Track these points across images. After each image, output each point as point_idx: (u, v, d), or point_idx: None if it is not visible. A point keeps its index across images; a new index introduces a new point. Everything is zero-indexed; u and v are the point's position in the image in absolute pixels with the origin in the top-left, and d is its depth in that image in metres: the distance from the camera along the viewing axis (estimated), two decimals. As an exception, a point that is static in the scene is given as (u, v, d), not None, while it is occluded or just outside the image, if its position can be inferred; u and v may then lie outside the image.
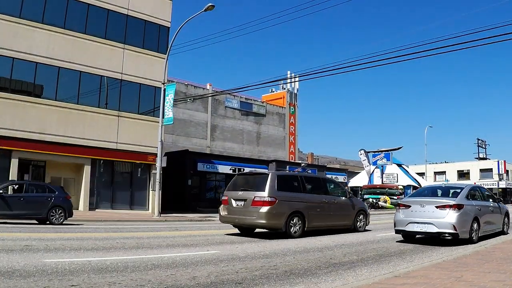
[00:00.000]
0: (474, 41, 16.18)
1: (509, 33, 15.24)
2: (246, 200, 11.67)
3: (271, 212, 11.23)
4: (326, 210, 12.72)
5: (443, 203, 10.22)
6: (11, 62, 22.08)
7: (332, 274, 6.48)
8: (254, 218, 11.39)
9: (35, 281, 5.34)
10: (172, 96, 23.01)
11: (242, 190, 12.10)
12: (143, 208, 26.66)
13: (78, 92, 24.45)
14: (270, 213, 11.22)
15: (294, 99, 50.68)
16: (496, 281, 5.51)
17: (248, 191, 11.83)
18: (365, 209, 14.50)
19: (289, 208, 11.57)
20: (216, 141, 42.28)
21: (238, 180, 13.05)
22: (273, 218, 11.34)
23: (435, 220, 10.04)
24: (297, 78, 38.95)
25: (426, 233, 10.35)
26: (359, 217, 13.93)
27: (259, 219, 11.30)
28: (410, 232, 10.63)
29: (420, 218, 10.30)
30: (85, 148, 24.25)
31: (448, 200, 10.44)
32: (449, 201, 10.28)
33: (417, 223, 10.32)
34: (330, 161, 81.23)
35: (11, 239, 9.67)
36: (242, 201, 11.81)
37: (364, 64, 25.63)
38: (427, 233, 10.31)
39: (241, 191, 12.11)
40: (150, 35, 27.47)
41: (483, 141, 75.19)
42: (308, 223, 11.96)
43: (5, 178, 21.56)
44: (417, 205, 10.53)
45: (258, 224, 11.56)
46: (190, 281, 5.69)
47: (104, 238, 10.93)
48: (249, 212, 11.49)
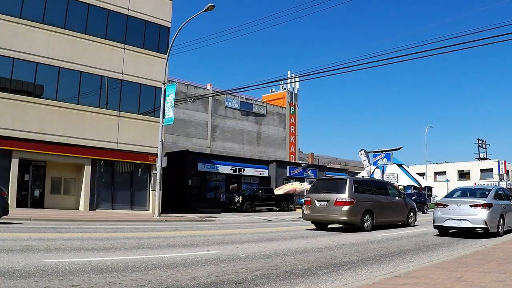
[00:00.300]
0: (474, 41, 16.19)
1: (509, 33, 15.25)
2: (329, 201, 13.97)
3: (351, 210, 13.62)
4: (387, 208, 15.27)
5: (476, 203, 12.05)
6: (11, 62, 22.06)
7: (333, 274, 6.48)
8: (337, 215, 13.76)
9: (35, 281, 5.34)
10: (173, 96, 23.01)
11: (324, 193, 14.40)
12: (143, 208, 26.66)
13: (78, 92, 24.44)
14: (350, 211, 13.60)
15: (294, 99, 50.68)
16: (496, 281, 5.51)
17: (330, 193, 14.13)
18: (414, 208, 17.10)
19: (363, 207, 14.01)
20: (217, 141, 42.29)
21: (319, 184, 15.68)
22: (352, 215, 13.72)
23: (469, 217, 11.90)
24: (297, 78, 38.97)
25: (461, 228, 12.21)
26: (410, 214, 16.59)
27: (341, 216, 13.68)
28: (447, 228, 12.54)
29: (456, 216, 12.15)
30: (85, 148, 24.24)
31: (479, 200, 12.23)
32: (480, 201, 12.08)
33: (454, 220, 12.19)
34: (331, 161, 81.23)
35: (11, 239, 9.67)
36: (325, 202, 14.10)
37: (364, 64, 25.62)
38: (462, 228, 12.17)
39: (323, 193, 14.39)
40: (150, 35, 27.46)
41: (483, 141, 75.19)
42: (376, 219, 14.42)
43: (5, 178, 21.60)
44: (454, 204, 12.41)
45: (340, 220, 13.94)
46: (191, 281, 5.70)
47: (105, 238, 10.94)
48: (332, 210, 13.84)
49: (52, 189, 24.11)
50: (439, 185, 64.35)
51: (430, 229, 14.57)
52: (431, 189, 55.86)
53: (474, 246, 10.06)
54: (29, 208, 22.14)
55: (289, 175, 41.94)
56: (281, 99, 49.80)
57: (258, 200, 33.38)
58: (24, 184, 23.08)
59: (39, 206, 23.04)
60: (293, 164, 44.29)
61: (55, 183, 24.30)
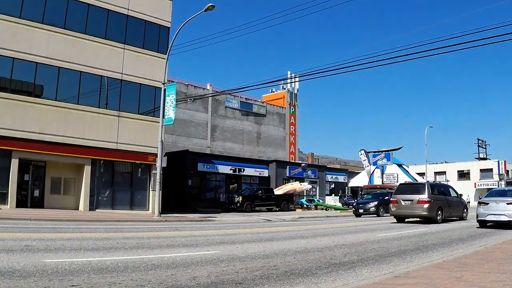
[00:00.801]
0: (474, 41, 16.20)
1: (509, 33, 15.25)
2: (412, 200, 18.27)
3: (429, 207, 17.92)
4: (451, 206, 19.68)
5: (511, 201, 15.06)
6: (11, 62, 22.05)
7: (333, 274, 6.48)
8: (419, 211, 18.12)
9: (35, 281, 5.34)
10: (174, 96, 22.99)
11: (408, 194, 18.66)
12: (143, 208, 26.66)
13: (78, 92, 24.44)
14: (429, 208, 17.90)
15: (294, 99, 50.69)
16: (496, 281, 5.50)
17: (413, 195, 18.40)
18: (466, 205, 22.16)
19: (436, 205, 18.27)
20: (216, 141, 42.30)
21: (402, 187, 20.11)
22: (430, 211, 17.99)
23: (507, 212, 15.01)
24: (297, 78, 38.97)
25: (499, 221, 15.29)
26: (464, 210, 21.29)
27: (422, 211, 18.03)
28: (488, 221, 15.61)
29: (495, 211, 15.25)
30: (85, 148, 24.24)
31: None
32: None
33: (494, 215, 15.29)
34: (331, 161, 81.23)
35: (11, 239, 9.67)
36: (409, 201, 18.40)
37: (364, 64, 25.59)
38: (500, 221, 15.25)
39: (407, 194, 18.67)
40: (150, 35, 27.45)
41: (483, 141, 75.15)
42: (444, 214, 18.74)
43: (5, 178, 21.62)
44: (493, 203, 15.44)
45: (421, 215, 18.24)
46: (190, 281, 5.70)
47: (104, 238, 10.93)
48: (415, 207, 18.15)
49: (52, 189, 24.10)
50: (439, 185, 64.29)
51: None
52: (431, 189, 55.77)
53: (474, 246, 10.07)
54: (29, 208, 22.13)
55: (289, 175, 41.95)
56: (281, 99, 49.81)
57: (258, 200, 33.39)
58: (24, 184, 23.07)
59: (39, 206, 23.03)
60: (293, 164, 44.29)
61: (55, 183, 24.28)
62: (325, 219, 24.75)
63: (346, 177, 50.04)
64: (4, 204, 21.28)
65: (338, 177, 49.16)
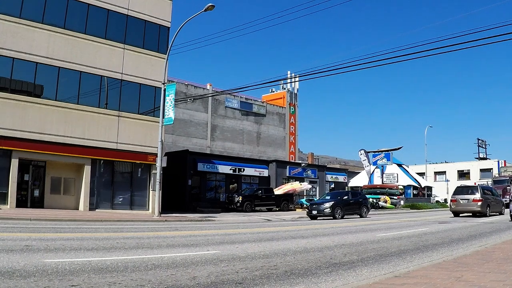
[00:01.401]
0: (474, 41, 16.20)
1: (509, 33, 15.25)
2: (469, 199, 23.45)
3: (481, 204, 23.02)
4: (493, 202, 24.63)
5: None
6: (11, 62, 22.05)
7: (333, 274, 6.48)
8: (474, 207, 23.23)
9: (35, 281, 5.34)
10: (173, 96, 23.00)
11: (465, 194, 23.87)
12: (143, 208, 26.65)
13: (78, 92, 24.43)
14: (481, 205, 23.02)
15: (294, 99, 50.68)
16: (496, 281, 5.50)
17: (469, 195, 23.61)
18: (503, 202, 26.90)
19: (486, 203, 23.47)
20: (216, 141, 42.30)
21: (460, 189, 25.04)
22: (482, 208, 23.06)
23: None
24: (297, 78, 38.98)
25: None
26: (502, 207, 26.13)
27: (476, 208, 23.09)
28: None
29: None
30: (85, 148, 24.24)
31: None
32: None
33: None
34: (330, 161, 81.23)
35: (11, 239, 9.67)
36: (466, 200, 23.61)
37: (364, 64, 25.62)
38: None
39: (464, 194, 23.85)
40: (150, 35, 27.44)
41: (483, 141, 75.12)
42: (490, 210, 23.94)
43: (5, 178, 21.61)
44: None
45: (476, 210, 23.25)
46: (190, 281, 5.70)
47: (104, 238, 10.94)
48: (471, 205, 23.33)
49: (52, 189, 24.09)
50: (439, 185, 64.38)
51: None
52: (431, 189, 55.91)
53: (474, 246, 10.06)
54: (29, 208, 22.13)
55: (289, 175, 41.93)
56: (280, 99, 49.80)
57: (258, 200, 33.37)
58: (24, 184, 23.06)
59: (39, 206, 23.04)
60: (293, 164, 44.26)
61: (55, 183, 24.27)
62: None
63: (346, 177, 50.03)
64: (4, 204, 21.28)
65: (338, 177, 49.13)
